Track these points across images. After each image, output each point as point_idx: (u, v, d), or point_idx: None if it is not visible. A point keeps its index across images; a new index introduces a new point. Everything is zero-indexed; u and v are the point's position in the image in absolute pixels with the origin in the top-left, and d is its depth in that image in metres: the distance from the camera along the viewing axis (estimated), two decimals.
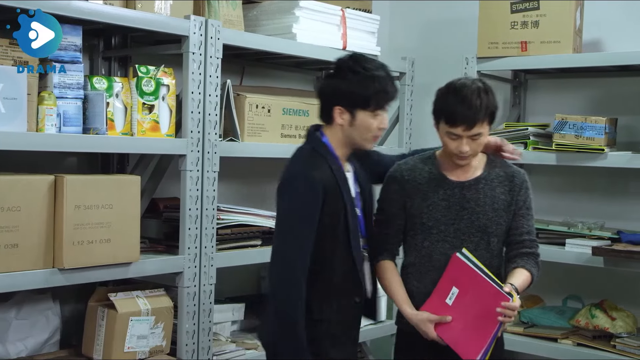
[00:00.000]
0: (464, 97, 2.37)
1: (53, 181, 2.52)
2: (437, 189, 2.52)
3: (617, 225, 3.55)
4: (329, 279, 2.40)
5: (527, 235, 2.55)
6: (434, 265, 2.50)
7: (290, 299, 2.32)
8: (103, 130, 2.67)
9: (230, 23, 3.10)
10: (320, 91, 2.47)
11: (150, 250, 2.93)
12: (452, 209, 2.50)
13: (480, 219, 2.49)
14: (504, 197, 2.52)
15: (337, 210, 2.37)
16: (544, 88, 3.97)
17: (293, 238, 2.35)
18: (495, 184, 2.53)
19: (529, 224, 2.56)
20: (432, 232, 2.50)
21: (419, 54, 3.96)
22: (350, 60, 2.41)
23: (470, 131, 2.38)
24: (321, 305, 2.39)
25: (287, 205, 2.38)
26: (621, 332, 3.31)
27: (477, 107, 2.36)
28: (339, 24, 3.49)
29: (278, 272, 2.36)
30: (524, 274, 2.48)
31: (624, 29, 3.63)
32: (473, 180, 2.52)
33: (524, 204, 2.55)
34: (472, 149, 2.42)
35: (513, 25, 3.57)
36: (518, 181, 2.55)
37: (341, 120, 2.40)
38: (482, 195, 2.50)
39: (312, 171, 2.35)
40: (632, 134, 3.51)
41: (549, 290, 3.85)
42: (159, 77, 2.83)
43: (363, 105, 2.38)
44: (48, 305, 2.87)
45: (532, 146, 3.52)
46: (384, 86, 2.39)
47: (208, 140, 2.92)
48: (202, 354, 2.94)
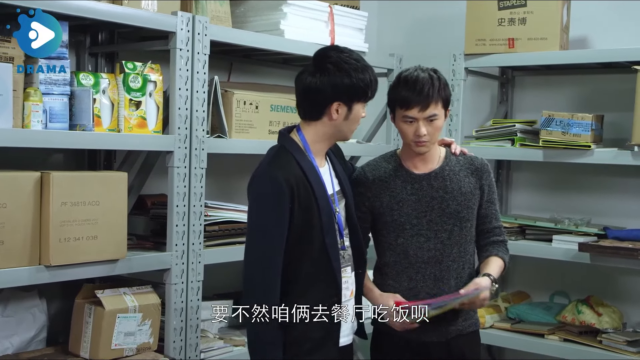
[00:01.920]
0: (415, 79, 2.43)
1: (39, 178, 2.50)
2: (405, 185, 2.54)
3: (604, 222, 3.57)
4: (304, 280, 2.34)
5: (495, 222, 2.62)
6: (410, 262, 2.52)
7: (263, 301, 2.28)
8: (90, 126, 2.65)
9: (217, 19, 3.09)
10: (313, 89, 2.34)
11: (138, 247, 2.92)
12: (422, 201, 2.52)
13: (451, 206, 2.52)
14: (468, 179, 2.56)
15: (309, 207, 2.31)
16: (531, 85, 3.98)
17: (263, 239, 2.31)
18: (458, 169, 2.57)
19: (496, 209, 2.64)
20: (405, 228, 2.52)
21: (406, 51, 3.96)
22: (339, 53, 2.37)
23: (426, 112, 2.42)
24: (296, 307, 2.32)
25: (255, 207, 2.35)
26: (607, 328, 3.33)
27: (429, 87, 2.42)
28: (326, 21, 3.49)
29: (249, 274, 2.32)
30: (499, 262, 2.56)
31: (611, 26, 3.65)
32: (438, 169, 2.55)
33: (489, 189, 2.60)
34: (429, 133, 2.45)
35: (500, 22, 3.58)
36: (478, 164, 2.60)
37: (337, 115, 2.35)
38: (448, 182, 2.54)
39: (277, 171, 2.30)
40: (618, 130, 3.53)
41: (536, 286, 3.88)
42: (146, 74, 2.82)
43: (362, 97, 2.37)
44: (34, 302, 2.86)
45: (519, 143, 3.53)
46: (375, 75, 2.39)
47: (195, 137, 2.91)
48: (190, 351, 2.93)
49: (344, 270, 2.41)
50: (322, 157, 2.44)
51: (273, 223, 2.29)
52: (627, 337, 3.27)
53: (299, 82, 2.40)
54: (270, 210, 2.30)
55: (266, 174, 2.32)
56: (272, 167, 2.33)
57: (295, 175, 2.31)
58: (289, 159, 2.34)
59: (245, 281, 2.34)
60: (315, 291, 2.35)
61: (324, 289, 2.36)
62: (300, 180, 2.31)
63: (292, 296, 2.33)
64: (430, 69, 2.49)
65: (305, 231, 2.32)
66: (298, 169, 2.33)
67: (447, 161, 2.58)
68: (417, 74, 2.44)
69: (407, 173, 2.55)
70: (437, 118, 2.45)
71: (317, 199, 2.33)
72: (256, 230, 2.34)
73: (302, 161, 2.35)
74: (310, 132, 2.40)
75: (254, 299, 2.29)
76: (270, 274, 2.29)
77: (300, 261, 2.33)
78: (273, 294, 2.29)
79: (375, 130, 3.93)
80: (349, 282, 2.44)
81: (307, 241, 2.32)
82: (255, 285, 2.31)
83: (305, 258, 2.33)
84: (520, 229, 3.60)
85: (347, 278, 2.43)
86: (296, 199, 2.29)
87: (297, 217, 2.30)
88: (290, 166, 2.32)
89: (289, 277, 2.32)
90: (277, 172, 2.30)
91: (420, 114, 2.43)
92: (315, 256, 2.34)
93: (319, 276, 2.35)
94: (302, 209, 2.30)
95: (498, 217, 2.64)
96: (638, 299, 3.61)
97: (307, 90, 2.37)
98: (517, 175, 4.02)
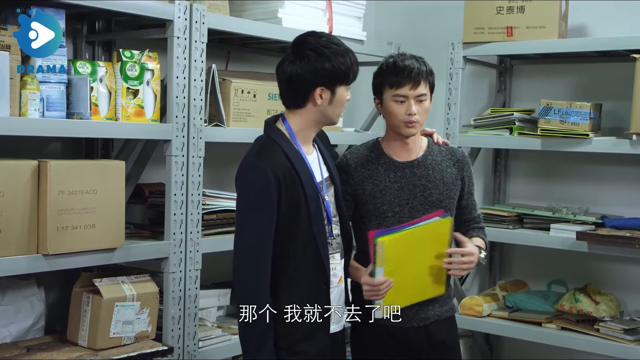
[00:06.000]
0: (403, 61, 2.49)
1: (37, 166, 2.50)
2: (388, 173, 2.56)
3: (601, 210, 3.57)
4: (293, 268, 2.35)
5: (475, 212, 2.71)
6: None
7: (249, 294, 2.29)
8: (87, 115, 2.65)
9: (215, 7, 3.08)
10: (294, 76, 2.34)
11: (136, 235, 2.92)
12: (404, 189, 2.54)
13: (433, 194, 2.55)
14: (450, 170, 2.60)
15: (297, 196, 2.32)
16: (530, 73, 3.98)
17: (251, 230, 2.31)
18: (440, 159, 2.60)
19: (475, 200, 2.71)
20: (387, 216, 2.53)
21: (404, 40, 3.95)
22: (318, 39, 2.37)
23: (417, 89, 2.47)
24: (287, 295, 2.34)
25: (241, 198, 2.36)
26: (604, 316, 3.34)
27: (417, 67, 2.48)
28: (324, 9, 3.47)
29: (237, 265, 2.33)
30: (480, 241, 2.64)
31: (609, 15, 3.64)
32: (421, 158, 2.58)
33: (469, 181, 2.67)
34: (419, 113, 2.49)
35: (499, 11, 3.57)
36: (459, 156, 2.65)
37: (321, 100, 2.36)
38: (431, 170, 2.57)
39: (262, 161, 2.30)
40: (617, 119, 3.52)
41: (534, 275, 3.89)
42: (144, 62, 2.81)
43: (344, 80, 2.37)
44: (32, 291, 2.86)
45: (517, 132, 3.53)
46: (355, 58, 2.40)
47: (193, 126, 2.90)
48: (188, 340, 2.94)
49: (333, 257, 2.42)
50: (309, 145, 2.45)
51: (261, 214, 2.30)
52: (624, 326, 3.28)
53: (280, 72, 2.40)
54: (258, 201, 2.31)
55: (253, 165, 2.33)
56: (258, 158, 2.33)
57: (282, 165, 2.32)
58: (275, 149, 2.35)
59: (234, 273, 2.35)
60: (304, 279, 2.36)
61: (313, 276, 2.37)
62: (287, 169, 2.32)
63: (282, 284, 2.34)
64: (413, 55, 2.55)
65: (293, 220, 2.33)
66: (285, 158, 2.33)
67: (430, 150, 2.61)
68: (404, 58, 2.51)
69: (389, 161, 2.57)
70: (426, 99, 2.51)
71: (304, 187, 2.34)
72: (244, 222, 2.34)
73: (289, 150, 2.36)
74: (295, 120, 2.40)
75: (243, 290, 2.31)
76: (258, 266, 2.29)
77: (289, 250, 2.34)
78: (262, 285, 2.29)
79: (373, 119, 3.92)
80: (337, 269, 2.45)
81: (295, 230, 2.33)
82: (244, 276, 2.31)
83: (294, 247, 2.34)
84: (518, 217, 3.61)
85: (335, 265, 2.44)
86: (283, 189, 2.30)
87: (285, 207, 2.31)
88: (276, 156, 2.33)
89: (279, 266, 2.33)
90: (263, 163, 2.30)
91: (411, 91, 2.47)
92: (304, 244, 2.35)
93: (308, 264, 2.36)
94: (289, 199, 2.31)
95: (477, 207, 2.73)
96: (635, 287, 3.62)
97: (289, 79, 2.36)
98: (515, 164, 4.02)
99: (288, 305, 2.33)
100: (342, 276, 2.48)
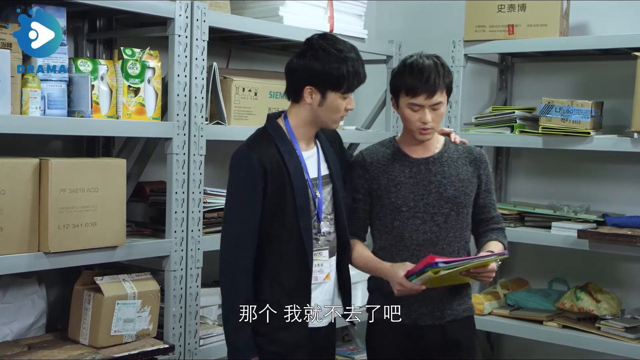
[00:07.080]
0: (421, 67, 2.45)
1: (38, 164, 2.50)
2: (403, 168, 2.56)
3: (603, 209, 3.57)
4: (277, 259, 2.40)
5: (494, 212, 2.66)
6: (406, 245, 2.53)
7: (231, 280, 2.37)
8: (88, 113, 2.65)
9: (216, 5, 3.08)
10: (290, 70, 2.43)
11: (137, 234, 2.93)
12: (419, 184, 2.54)
13: (448, 190, 2.54)
14: (466, 167, 2.59)
15: (283, 189, 2.37)
16: (531, 71, 3.97)
17: (235, 219, 2.40)
18: (457, 157, 2.60)
19: (493, 199, 2.67)
20: (401, 211, 2.53)
21: (406, 38, 3.95)
22: (322, 40, 2.40)
23: (432, 99, 2.45)
24: (270, 285, 2.40)
25: (229, 187, 2.43)
26: (605, 315, 3.34)
27: (435, 75, 2.44)
28: (325, 7, 3.47)
29: (222, 251, 2.41)
30: (499, 245, 2.58)
31: (611, 13, 3.64)
32: (437, 155, 2.58)
33: (487, 179, 2.63)
34: (434, 120, 2.48)
35: (500, 9, 3.57)
36: (477, 154, 2.63)
37: (310, 100, 2.40)
38: (446, 167, 2.56)
39: (252, 151, 2.38)
40: (618, 117, 3.52)
41: (535, 273, 3.89)
42: (145, 60, 2.81)
43: (335, 86, 2.38)
44: (34, 289, 2.86)
45: (518, 130, 3.53)
46: (356, 68, 2.39)
47: (194, 124, 2.90)
48: (189, 338, 2.94)
49: (320, 254, 2.46)
50: (307, 142, 2.49)
51: (245, 201, 2.37)
52: (625, 324, 3.28)
53: (286, 64, 2.48)
54: (243, 188, 2.38)
55: (242, 154, 2.40)
56: (249, 147, 2.42)
57: (271, 155, 2.38)
58: (267, 141, 2.42)
59: (220, 258, 2.42)
60: (287, 271, 2.41)
61: (296, 269, 2.41)
62: (275, 161, 2.37)
63: (265, 273, 2.41)
64: (433, 55, 2.51)
65: (278, 212, 2.38)
66: (275, 150, 2.40)
67: (446, 148, 2.60)
68: (423, 61, 2.46)
69: (405, 157, 2.57)
70: (441, 106, 2.49)
71: (292, 181, 2.38)
72: (229, 208, 2.43)
73: (281, 144, 2.41)
74: (293, 116, 2.46)
75: (225, 277, 2.39)
76: (240, 253, 2.37)
77: (274, 240, 2.40)
78: (243, 273, 2.37)
79: (375, 117, 3.92)
80: (324, 266, 2.47)
81: (280, 222, 2.39)
82: (227, 263, 2.40)
83: (279, 238, 2.40)
84: (520, 216, 3.61)
85: (321, 261, 2.46)
86: (269, 179, 2.36)
87: (271, 197, 2.36)
88: (266, 147, 2.40)
89: (265, 255, 2.40)
90: (251, 152, 2.38)
91: (426, 101, 2.45)
92: (288, 237, 2.40)
93: (292, 256, 2.41)
94: (275, 190, 2.36)
95: (496, 207, 2.68)
96: (636, 285, 3.62)
97: (287, 71, 2.45)
98: (517, 162, 4.02)
99: (269, 294, 2.40)
100: (331, 274, 2.50)
